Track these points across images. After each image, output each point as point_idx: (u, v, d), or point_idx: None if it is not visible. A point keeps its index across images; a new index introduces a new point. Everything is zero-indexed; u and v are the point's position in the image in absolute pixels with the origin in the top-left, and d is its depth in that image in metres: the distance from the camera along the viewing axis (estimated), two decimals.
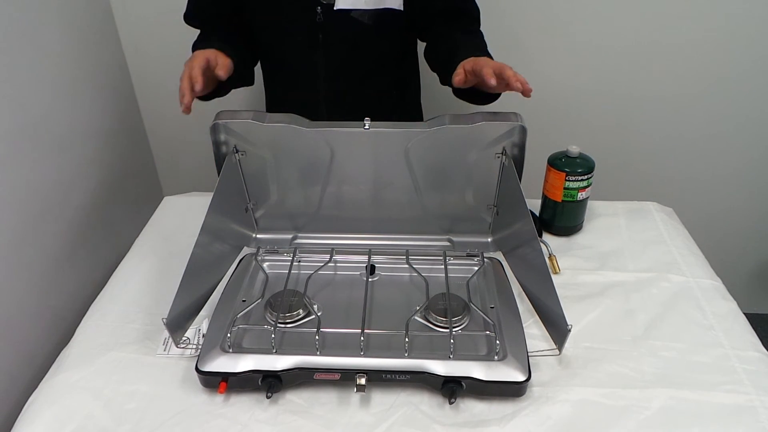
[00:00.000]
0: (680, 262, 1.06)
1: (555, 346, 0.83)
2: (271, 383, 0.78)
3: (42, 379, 0.86)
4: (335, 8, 1.04)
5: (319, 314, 0.89)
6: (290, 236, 1.05)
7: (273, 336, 0.82)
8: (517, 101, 0.88)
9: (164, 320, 0.77)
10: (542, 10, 1.46)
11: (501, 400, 0.79)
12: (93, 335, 0.92)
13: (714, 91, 1.54)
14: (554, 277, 0.86)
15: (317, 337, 0.81)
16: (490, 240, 1.04)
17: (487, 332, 0.86)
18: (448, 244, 1.04)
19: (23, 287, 1.05)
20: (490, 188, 0.98)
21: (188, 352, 0.86)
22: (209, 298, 0.91)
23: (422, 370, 0.78)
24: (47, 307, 1.11)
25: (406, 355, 0.80)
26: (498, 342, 0.82)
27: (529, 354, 0.82)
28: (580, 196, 1.09)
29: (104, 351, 0.88)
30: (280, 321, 0.87)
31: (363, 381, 0.77)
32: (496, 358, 0.80)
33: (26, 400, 0.82)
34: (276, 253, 1.04)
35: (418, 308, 0.89)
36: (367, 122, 0.90)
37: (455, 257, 1.01)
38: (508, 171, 0.92)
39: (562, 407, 0.78)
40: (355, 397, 0.80)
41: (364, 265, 0.99)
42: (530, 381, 0.78)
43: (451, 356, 0.80)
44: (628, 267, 1.05)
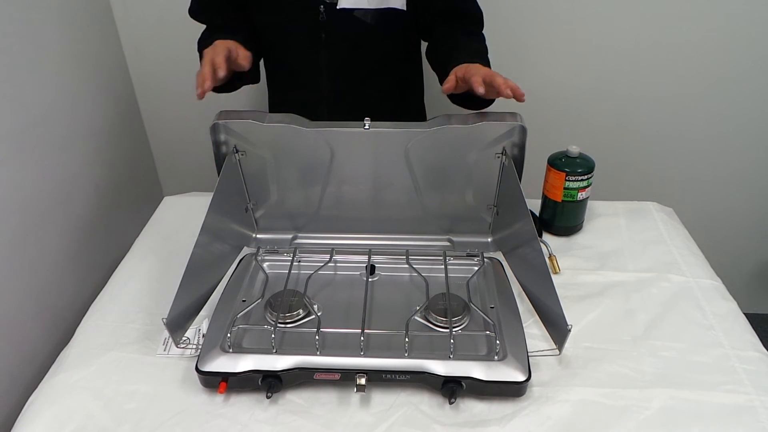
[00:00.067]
0: (680, 262, 1.06)
1: (555, 346, 0.83)
2: (271, 383, 0.78)
3: (42, 379, 0.86)
4: (338, 7, 1.04)
5: (319, 314, 0.89)
6: (290, 236, 1.05)
7: (273, 336, 0.82)
8: (517, 101, 0.88)
9: (164, 320, 0.77)
10: (542, 11, 1.46)
11: (501, 400, 0.79)
12: (93, 335, 0.92)
13: (714, 91, 1.54)
14: (554, 277, 0.86)
15: (317, 337, 0.81)
16: (490, 240, 1.04)
17: (487, 332, 0.86)
18: (448, 244, 1.04)
19: (23, 287, 1.05)
20: (490, 188, 0.98)
21: (188, 352, 0.86)
22: (209, 298, 0.92)
23: (422, 370, 0.78)
24: (47, 307, 1.11)
25: (406, 355, 0.80)
26: (498, 342, 0.82)
27: (529, 354, 0.82)
28: (580, 196, 1.09)
29: (104, 351, 0.88)
30: (280, 321, 0.87)
31: (363, 381, 0.77)
32: (496, 358, 0.81)
33: (26, 400, 0.82)
34: (276, 253, 1.04)
35: (418, 308, 0.89)
36: (367, 122, 0.90)
37: (455, 257, 1.01)
38: (508, 171, 0.92)
39: (562, 407, 0.78)
40: (355, 397, 0.80)
41: (364, 265, 0.99)
42: (530, 381, 0.78)
43: (451, 356, 0.80)
44: (628, 267, 1.05)
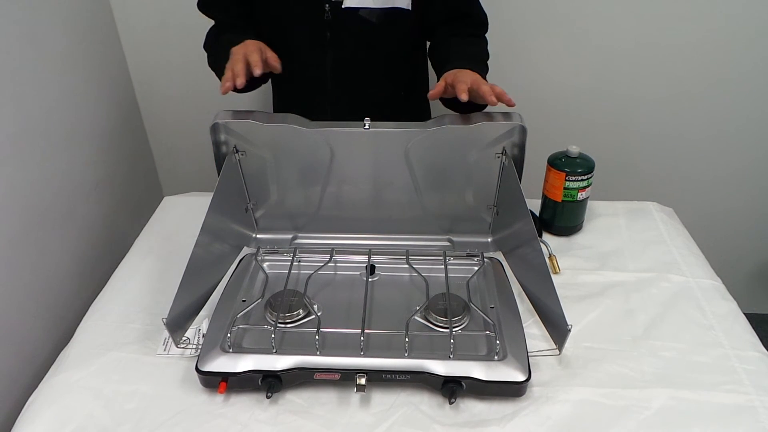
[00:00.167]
0: (680, 262, 1.06)
1: (555, 346, 0.83)
2: (271, 383, 0.78)
3: (42, 379, 0.86)
4: (343, 6, 1.03)
5: (319, 314, 0.89)
6: (290, 236, 1.05)
7: (273, 336, 0.82)
8: (517, 101, 0.88)
9: (164, 320, 0.77)
10: (543, 11, 1.46)
11: (501, 400, 0.79)
12: (93, 335, 0.92)
13: (714, 91, 1.54)
14: (554, 277, 0.86)
15: (317, 337, 0.81)
16: (490, 240, 1.04)
17: (487, 332, 0.86)
18: (448, 244, 1.04)
19: (23, 287, 1.05)
20: (490, 188, 0.98)
21: (188, 352, 0.86)
22: (209, 298, 0.91)
23: (422, 370, 0.78)
24: (47, 307, 1.11)
25: (406, 355, 0.80)
26: (498, 342, 0.82)
27: (529, 354, 0.82)
28: (580, 196, 1.09)
29: (104, 351, 0.88)
30: (280, 321, 0.87)
31: (363, 381, 0.77)
32: (496, 358, 0.80)
33: (26, 400, 0.82)
34: (276, 253, 1.04)
35: (418, 308, 0.89)
36: (367, 122, 0.90)
37: (455, 257, 1.01)
38: (508, 171, 0.92)
39: (562, 407, 0.78)
40: (355, 397, 0.80)
41: (364, 265, 0.99)
42: (530, 381, 0.78)
43: (451, 356, 0.80)
44: (628, 267, 1.05)
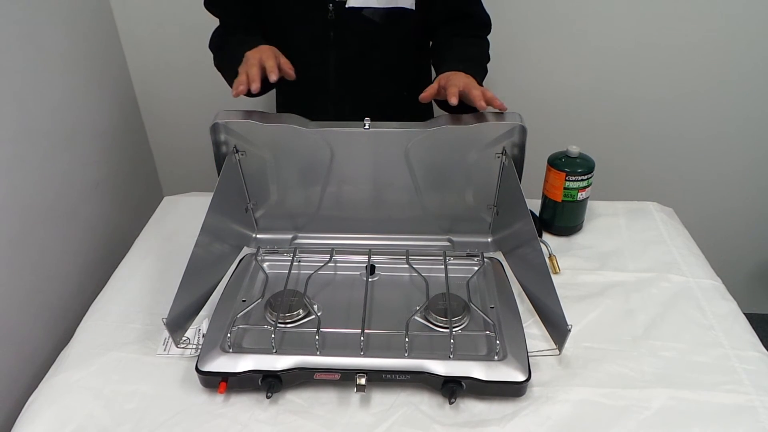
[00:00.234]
0: (680, 262, 1.06)
1: (555, 346, 0.83)
2: (271, 383, 0.78)
3: (42, 379, 0.86)
4: (347, 6, 1.03)
5: (319, 314, 0.89)
6: (290, 236, 1.05)
7: (273, 336, 0.81)
8: (517, 101, 0.88)
9: (164, 320, 0.77)
10: (543, 11, 1.46)
11: (501, 400, 0.79)
12: (93, 335, 0.92)
13: (714, 91, 1.54)
14: (554, 277, 0.86)
15: (317, 337, 0.81)
16: (490, 240, 1.04)
17: (487, 332, 0.85)
18: (448, 244, 1.04)
19: (23, 287, 1.05)
20: (490, 188, 0.98)
21: (188, 352, 0.86)
22: (209, 298, 0.92)
23: (422, 370, 0.78)
24: (47, 307, 1.11)
25: (406, 355, 0.80)
26: (498, 342, 0.82)
27: (529, 354, 0.82)
28: (580, 196, 1.09)
29: (104, 351, 0.88)
30: (280, 321, 0.87)
31: (363, 381, 0.77)
32: (496, 358, 0.80)
33: (26, 400, 0.82)
34: (276, 253, 1.04)
35: (418, 308, 0.89)
36: (367, 122, 0.90)
37: (455, 257, 1.01)
38: (508, 171, 0.92)
39: (562, 407, 0.78)
40: (355, 397, 0.80)
41: (364, 265, 0.99)
42: (530, 381, 0.78)
43: (451, 356, 0.80)
44: (628, 267, 1.05)
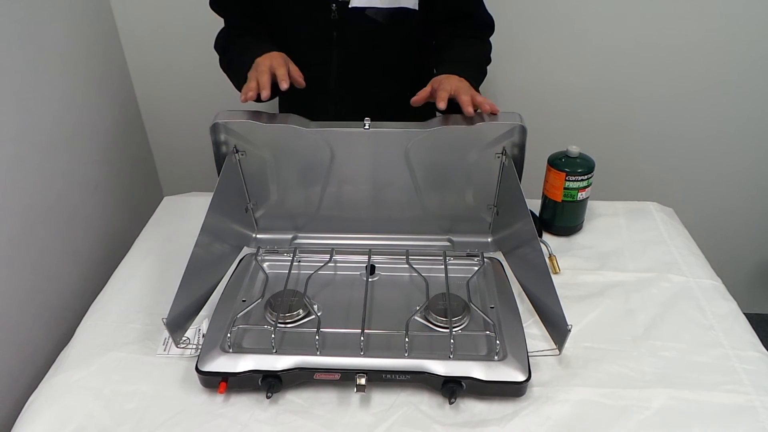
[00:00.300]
0: (680, 262, 1.06)
1: (555, 346, 0.83)
2: (271, 383, 0.78)
3: (42, 379, 0.86)
4: (350, 6, 1.03)
5: (319, 314, 0.89)
6: (290, 236, 1.05)
7: (273, 336, 0.81)
8: (517, 101, 0.88)
9: (164, 320, 0.77)
10: (543, 11, 1.46)
11: (501, 400, 0.79)
12: (93, 335, 0.92)
13: (714, 91, 1.54)
14: (554, 277, 0.86)
15: (317, 337, 0.81)
16: (490, 240, 1.04)
17: (487, 332, 0.85)
18: (448, 244, 1.04)
19: (23, 287, 1.05)
20: (490, 188, 0.98)
21: (188, 352, 0.86)
22: (209, 298, 0.92)
23: (422, 370, 0.78)
24: (47, 307, 1.11)
25: (406, 355, 0.80)
26: (498, 342, 0.82)
27: (529, 354, 0.82)
28: (580, 196, 1.09)
29: (104, 351, 0.88)
30: (280, 321, 0.87)
31: (363, 381, 0.77)
32: (496, 358, 0.80)
33: (26, 400, 0.82)
34: (276, 253, 1.04)
35: (418, 308, 0.89)
36: (367, 122, 0.90)
37: (455, 257, 1.01)
38: (508, 171, 0.92)
39: (562, 407, 0.78)
40: (355, 397, 0.80)
41: (364, 265, 0.99)
42: (530, 381, 0.78)
43: (451, 356, 0.80)
44: (628, 267, 1.05)
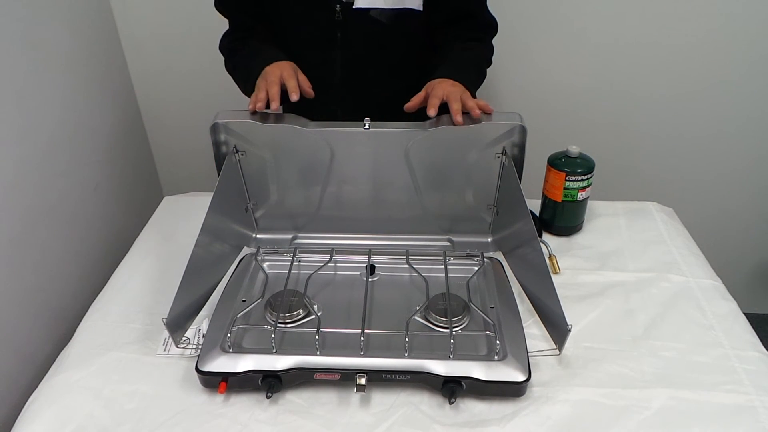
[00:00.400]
0: (680, 262, 1.06)
1: (555, 346, 0.83)
2: (271, 383, 0.78)
3: (42, 379, 0.86)
4: (354, 7, 1.03)
5: (319, 314, 0.89)
6: (290, 236, 1.05)
7: (273, 336, 0.81)
8: (517, 101, 0.88)
9: (164, 320, 0.77)
10: (543, 11, 1.46)
11: (501, 400, 0.79)
12: (93, 335, 0.92)
13: (714, 91, 1.54)
14: (554, 277, 0.86)
15: (317, 337, 0.81)
16: (490, 240, 1.04)
17: (487, 332, 0.85)
18: (448, 244, 1.04)
19: (23, 287, 1.05)
20: (490, 188, 0.98)
21: (188, 352, 0.86)
22: (209, 298, 0.92)
23: (422, 370, 0.78)
24: (47, 307, 1.11)
25: (406, 355, 0.80)
26: (498, 342, 0.82)
27: (529, 354, 0.82)
28: (580, 196, 1.09)
29: (104, 351, 0.88)
30: (280, 321, 0.87)
31: (363, 381, 0.77)
32: (496, 358, 0.80)
33: (26, 400, 0.82)
34: (276, 253, 1.04)
35: (418, 308, 0.89)
36: (367, 122, 0.90)
37: (455, 257, 1.01)
38: (508, 171, 0.92)
39: (562, 407, 0.78)
40: (355, 397, 0.80)
41: (364, 265, 0.99)
42: (530, 381, 0.78)
43: (451, 356, 0.80)
44: (628, 267, 1.05)
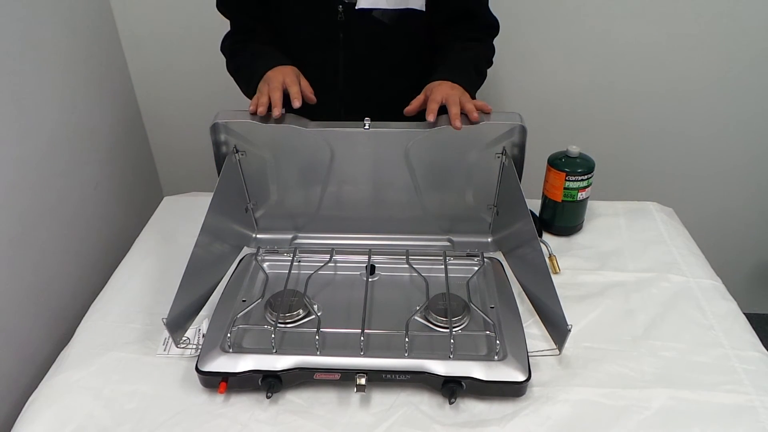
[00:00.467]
0: (680, 262, 1.06)
1: (555, 346, 0.83)
2: (271, 383, 0.78)
3: (42, 379, 0.86)
4: (356, 7, 1.03)
5: (319, 314, 0.89)
6: (290, 236, 1.05)
7: (273, 336, 0.82)
8: (517, 101, 0.88)
9: (164, 320, 0.77)
10: (542, 11, 1.46)
11: (501, 400, 0.79)
12: (93, 335, 0.92)
13: (714, 91, 1.54)
14: (554, 277, 0.86)
15: (317, 337, 0.81)
16: (490, 240, 1.04)
17: (487, 332, 0.85)
18: (448, 244, 1.04)
19: (23, 287, 1.05)
20: (490, 188, 0.98)
21: (188, 352, 0.86)
22: (209, 298, 0.92)
23: (422, 370, 0.78)
24: (47, 307, 1.11)
25: (406, 355, 0.80)
26: (498, 342, 0.82)
27: (529, 354, 0.82)
28: (580, 196, 1.09)
29: (104, 351, 0.88)
30: (280, 321, 0.87)
31: (363, 381, 0.77)
32: (496, 358, 0.80)
33: (26, 400, 0.82)
34: (276, 253, 1.04)
35: (418, 308, 0.89)
36: (367, 122, 0.90)
37: (455, 257, 1.01)
38: (508, 171, 0.92)
39: (562, 407, 0.78)
40: (355, 397, 0.80)
41: (364, 265, 0.99)
42: (530, 381, 0.78)
43: (451, 356, 0.80)
44: (628, 267, 1.05)
